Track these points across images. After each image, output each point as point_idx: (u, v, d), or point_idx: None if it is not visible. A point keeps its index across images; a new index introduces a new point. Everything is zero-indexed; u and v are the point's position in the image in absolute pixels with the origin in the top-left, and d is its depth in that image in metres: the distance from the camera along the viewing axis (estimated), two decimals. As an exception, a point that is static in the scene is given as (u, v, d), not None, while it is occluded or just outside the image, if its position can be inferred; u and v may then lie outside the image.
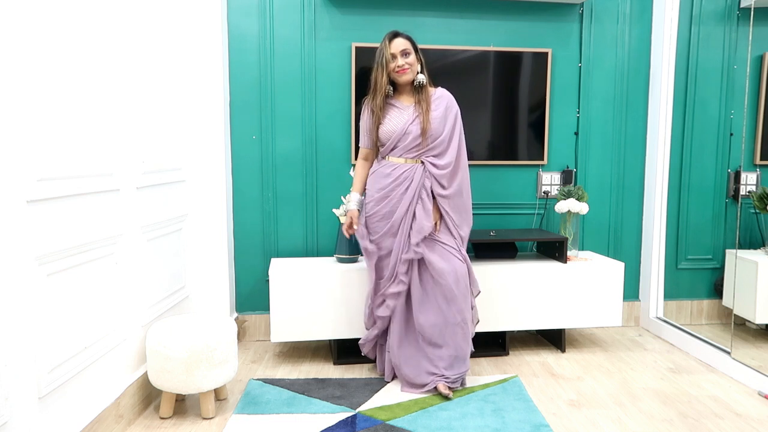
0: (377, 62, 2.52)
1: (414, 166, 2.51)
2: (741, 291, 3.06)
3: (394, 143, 2.52)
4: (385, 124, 2.53)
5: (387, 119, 2.53)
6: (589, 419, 2.29)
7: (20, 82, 1.59)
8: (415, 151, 2.51)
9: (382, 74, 2.50)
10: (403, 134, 2.50)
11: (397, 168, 2.52)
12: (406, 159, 2.52)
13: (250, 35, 3.09)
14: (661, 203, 3.34)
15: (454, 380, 2.50)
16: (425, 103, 2.51)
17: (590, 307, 2.99)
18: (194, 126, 2.86)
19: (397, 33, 2.52)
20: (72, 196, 1.83)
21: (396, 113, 2.53)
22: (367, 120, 2.60)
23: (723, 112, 3.31)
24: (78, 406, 1.89)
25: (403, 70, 2.49)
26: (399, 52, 2.48)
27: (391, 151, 2.54)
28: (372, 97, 2.55)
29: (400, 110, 2.53)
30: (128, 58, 2.19)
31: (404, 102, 2.56)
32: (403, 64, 2.48)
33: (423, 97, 2.52)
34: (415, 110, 2.52)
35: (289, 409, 2.34)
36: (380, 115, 2.53)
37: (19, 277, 1.60)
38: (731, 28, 3.25)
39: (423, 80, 2.52)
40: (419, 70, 2.53)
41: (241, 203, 3.17)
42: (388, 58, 2.48)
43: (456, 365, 2.50)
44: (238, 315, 3.21)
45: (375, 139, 2.57)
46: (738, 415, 2.33)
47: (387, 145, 2.54)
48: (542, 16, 3.26)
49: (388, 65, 2.49)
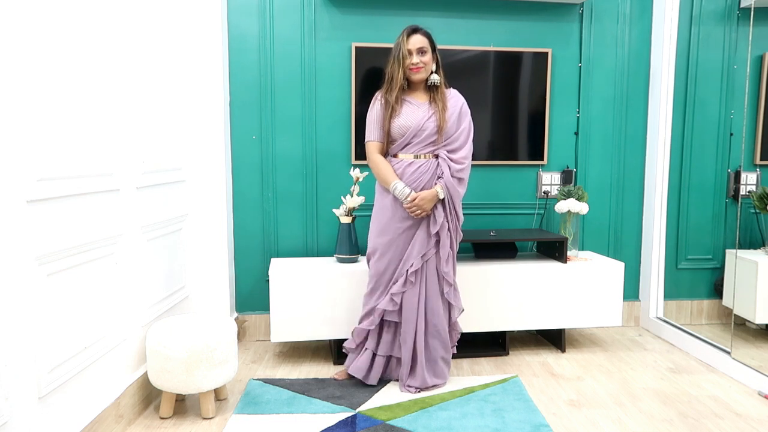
0: (394, 56, 2.48)
1: (428, 162, 2.48)
2: (741, 291, 3.06)
3: (408, 139, 2.48)
4: (399, 117, 2.47)
5: (402, 114, 2.48)
6: (589, 419, 2.30)
7: (20, 82, 1.59)
8: (431, 147, 2.48)
9: (398, 69, 2.46)
10: (419, 130, 2.46)
11: (411, 164, 2.48)
12: (416, 155, 2.49)
13: (250, 35, 3.09)
14: (661, 203, 3.34)
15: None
16: (441, 102, 2.48)
17: (590, 307, 2.99)
18: (194, 126, 2.86)
19: (417, 29, 2.47)
20: (72, 196, 1.83)
21: (410, 109, 2.49)
22: (378, 112, 2.52)
23: (723, 112, 3.31)
24: (78, 406, 1.89)
25: (417, 68, 2.46)
26: (416, 49, 2.44)
27: (403, 147, 2.51)
28: (386, 90, 2.50)
29: (415, 106, 2.50)
30: (128, 58, 2.19)
31: (418, 99, 2.52)
32: (418, 62, 2.45)
33: (438, 96, 2.50)
34: (430, 107, 2.49)
35: (289, 409, 2.34)
36: (396, 107, 2.47)
37: (19, 277, 1.60)
38: (731, 28, 3.25)
39: (437, 81, 2.50)
40: (434, 70, 2.51)
41: (241, 203, 3.17)
42: (405, 53, 2.45)
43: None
44: (238, 315, 3.21)
45: (387, 131, 2.51)
46: (738, 415, 2.33)
47: (399, 141, 2.50)
48: (542, 16, 3.26)
49: (404, 60, 2.45)
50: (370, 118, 2.56)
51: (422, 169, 2.47)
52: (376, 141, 2.55)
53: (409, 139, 2.48)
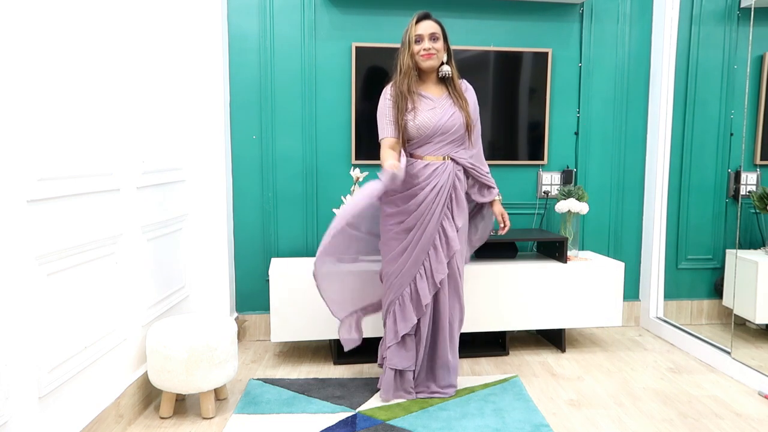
0: (402, 44, 2.33)
1: (445, 164, 2.34)
2: (741, 291, 3.06)
3: (428, 138, 2.31)
4: (419, 115, 2.29)
5: (420, 110, 2.30)
6: (589, 419, 2.29)
7: (21, 82, 1.59)
8: (450, 148, 2.34)
9: (408, 55, 2.30)
10: (442, 127, 2.30)
11: (427, 166, 2.32)
12: (436, 156, 2.33)
13: (250, 35, 3.09)
14: (661, 203, 3.34)
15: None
16: (462, 98, 2.35)
17: (590, 307, 2.99)
18: (194, 126, 2.86)
19: (428, 14, 2.33)
20: (72, 196, 1.83)
21: (427, 105, 2.32)
22: (390, 108, 2.33)
23: (723, 112, 3.31)
24: (78, 406, 1.89)
25: (429, 54, 2.29)
26: (428, 34, 2.29)
27: (420, 147, 2.34)
28: (397, 81, 2.33)
29: (432, 101, 2.33)
30: (128, 58, 2.19)
31: (432, 92, 2.36)
32: (430, 48, 2.28)
33: (456, 90, 2.36)
34: (452, 103, 2.33)
35: (289, 409, 2.33)
36: (411, 100, 2.30)
37: (19, 277, 1.60)
38: (731, 28, 3.25)
39: (448, 72, 2.34)
40: (445, 60, 2.36)
41: (241, 203, 3.17)
42: (412, 38, 2.30)
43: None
44: (238, 315, 3.21)
45: (402, 128, 2.31)
46: (738, 415, 2.33)
47: (418, 140, 2.33)
48: (542, 16, 3.26)
49: (411, 46, 2.30)
50: (381, 113, 2.38)
51: (439, 170, 2.32)
52: (389, 137, 2.34)
53: (428, 139, 2.32)
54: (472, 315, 2.87)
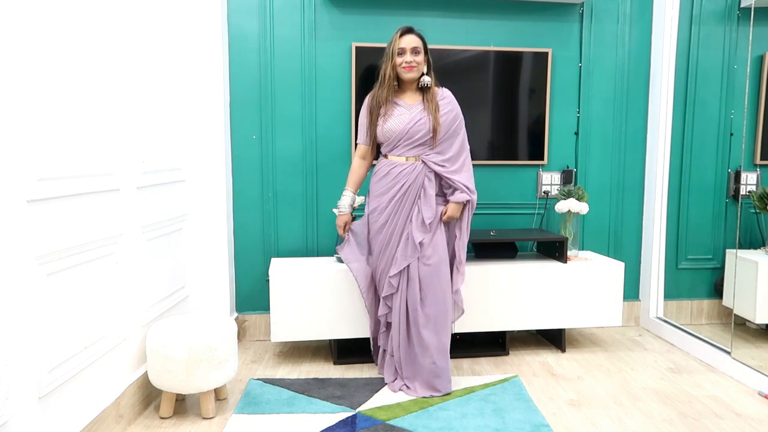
0: (385, 55, 2.50)
1: (414, 165, 2.49)
2: (741, 291, 3.06)
3: (395, 142, 2.49)
4: (387, 121, 2.49)
5: (390, 117, 2.49)
6: (589, 419, 2.30)
7: (20, 82, 1.59)
8: (419, 150, 2.49)
9: (390, 67, 2.47)
10: (406, 133, 2.46)
11: (396, 166, 2.50)
12: (407, 157, 2.50)
13: (250, 35, 3.09)
14: (661, 203, 3.34)
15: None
16: (433, 104, 2.48)
17: (590, 307, 2.99)
18: (194, 126, 2.86)
19: (411, 29, 2.49)
20: (72, 196, 1.83)
21: (398, 112, 2.50)
22: (365, 116, 2.57)
23: (723, 112, 3.31)
24: (78, 405, 1.90)
25: (410, 67, 2.46)
26: (410, 48, 2.45)
27: (392, 150, 2.52)
28: (378, 89, 2.52)
29: (404, 108, 2.50)
30: (128, 58, 2.19)
31: (408, 101, 2.52)
32: (411, 61, 2.45)
33: (429, 96, 2.49)
34: (422, 110, 2.48)
35: (289, 409, 2.34)
36: (385, 107, 2.49)
37: (19, 277, 1.60)
38: (731, 28, 3.26)
39: (428, 82, 2.50)
40: (425, 72, 2.51)
41: (241, 203, 3.17)
42: (395, 50, 2.46)
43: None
44: (238, 315, 3.21)
45: (374, 135, 2.55)
46: (738, 415, 2.33)
47: (387, 144, 2.52)
48: (542, 16, 3.26)
49: (394, 58, 2.47)
50: (360, 120, 2.63)
51: (408, 171, 2.48)
52: (361, 144, 2.63)
53: (395, 143, 2.49)
54: (472, 315, 2.87)
